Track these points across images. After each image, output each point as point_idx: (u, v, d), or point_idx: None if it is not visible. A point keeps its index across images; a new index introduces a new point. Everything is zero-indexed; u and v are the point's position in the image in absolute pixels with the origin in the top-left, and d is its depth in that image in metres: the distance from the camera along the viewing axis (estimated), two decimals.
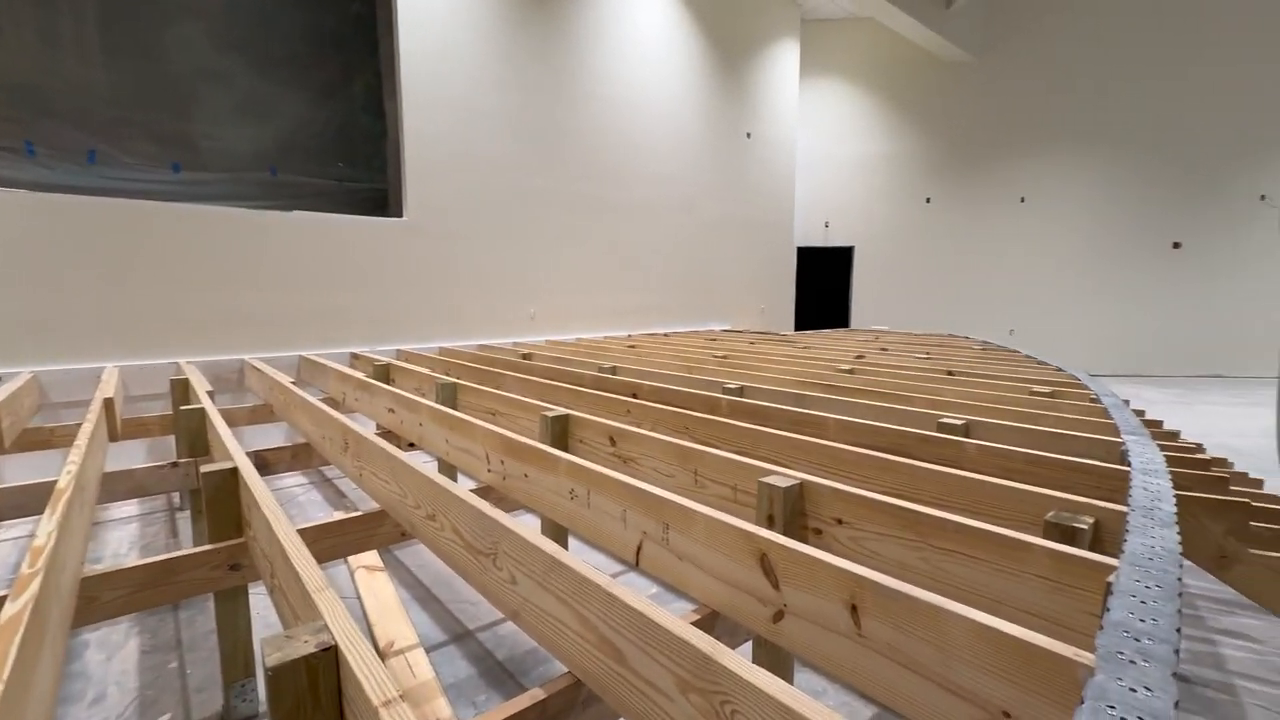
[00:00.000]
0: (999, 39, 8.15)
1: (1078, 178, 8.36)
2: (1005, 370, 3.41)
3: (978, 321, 8.53)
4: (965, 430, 2.01)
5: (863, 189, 8.54)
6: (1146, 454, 1.57)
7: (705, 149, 7.04)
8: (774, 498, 1.34)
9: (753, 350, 4.53)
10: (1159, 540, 1.03)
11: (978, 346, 5.02)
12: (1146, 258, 8.35)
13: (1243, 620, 2.12)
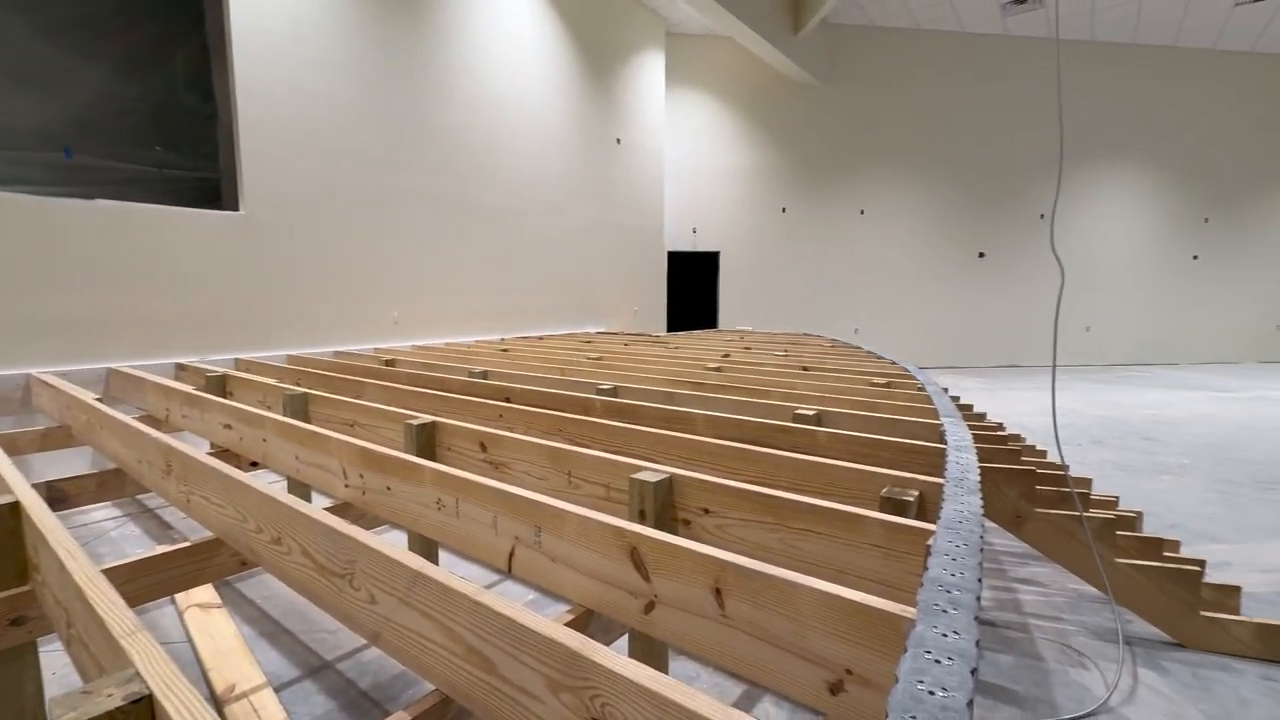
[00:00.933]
0: (839, 67, 9.02)
1: (906, 194, 9.48)
2: (850, 365, 3.77)
3: (828, 320, 9.37)
4: (817, 420, 2.20)
5: (727, 197, 9.04)
6: (959, 433, 1.82)
7: (576, 153, 7.06)
8: (645, 493, 1.37)
9: (626, 351, 4.62)
10: (966, 506, 1.19)
11: (828, 344, 5.50)
12: (960, 265, 9.67)
13: (1034, 569, 2.52)
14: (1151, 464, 4.21)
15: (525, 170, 6.39)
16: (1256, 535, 2.95)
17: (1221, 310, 10.63)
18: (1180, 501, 3.43)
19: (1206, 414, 6.04)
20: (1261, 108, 10.21)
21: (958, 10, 8.55)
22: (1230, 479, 3.85)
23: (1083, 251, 10.05)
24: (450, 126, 5.56)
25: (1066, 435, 5.07)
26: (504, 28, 6.02)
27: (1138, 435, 5.09)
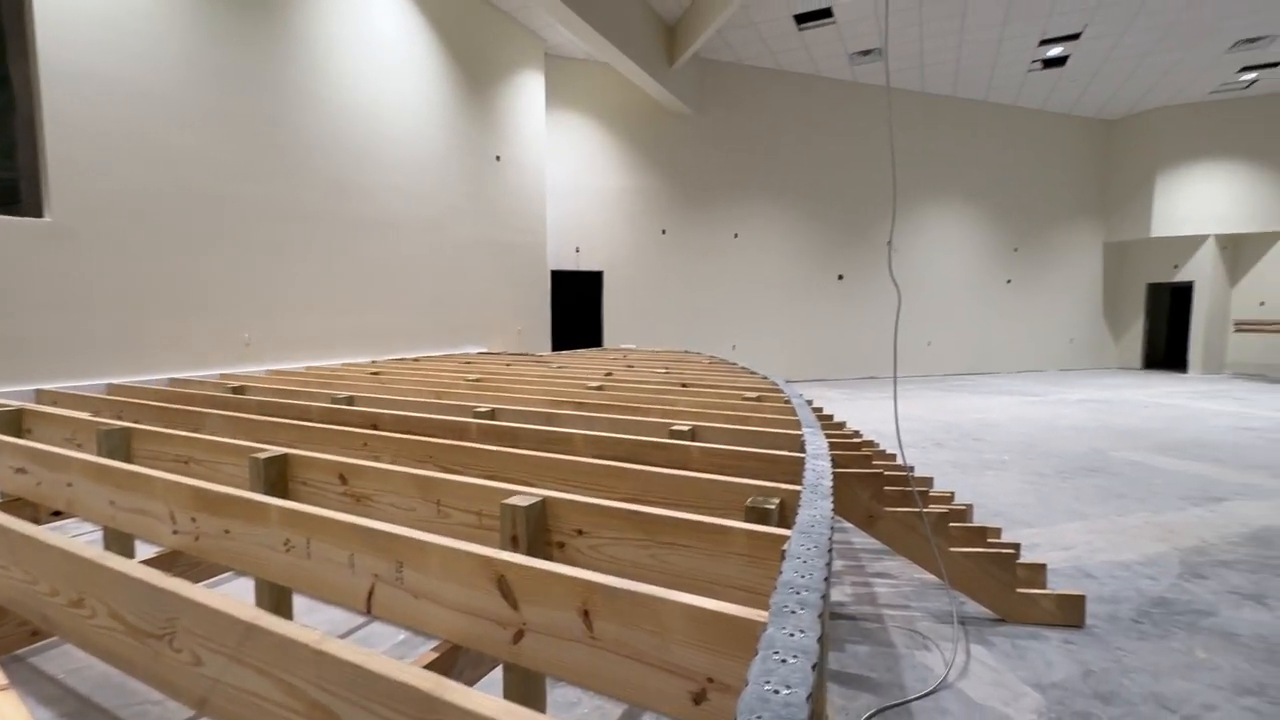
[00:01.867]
0: (711, 98, 9.57)
1: (775, 220, 10.20)
2: (726, 380, 3.96)
3: (709, 338, 9.79)
4: (692, 435, 2.28)
5: (609, 218, 9.21)
6: (816, 442, 1.97)
7: (454, 168, 6.86)
8: (516, 518, 1.34)
9: (508, 372, 4.52)
10: (819, 510, 1.29)
11: (707, 361, 5.74)
12: (823, 286, 10.54)
13: (887, 563, 2.77)
14: (980, 461, 4.81)
15: (399, 183, 6.10)
16: (1058, 518, 3.45)
17: (1030, 326, 12.45)
18: (1001, 493, 3.94)
19: (1020, 416, 7.01)
20: (1053, 156, 12.19)
21: (813, 56, 9.42)
22: (1039, 471, 4.49)
23: (922, 276, 11.35)
24: (313, 134, 5.19)
25: (913, 439, 5.65)
26: (373, 36, 5.75)
27: (969, 436, 5.79)
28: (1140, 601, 2.42)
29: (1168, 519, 3.42)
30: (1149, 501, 3.75)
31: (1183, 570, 2.73)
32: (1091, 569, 2.74)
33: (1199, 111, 11.42)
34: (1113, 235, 12.70)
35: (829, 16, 8.15)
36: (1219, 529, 3.27)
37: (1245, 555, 2.90)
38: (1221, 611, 2.34)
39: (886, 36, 7.37)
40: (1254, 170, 11.18)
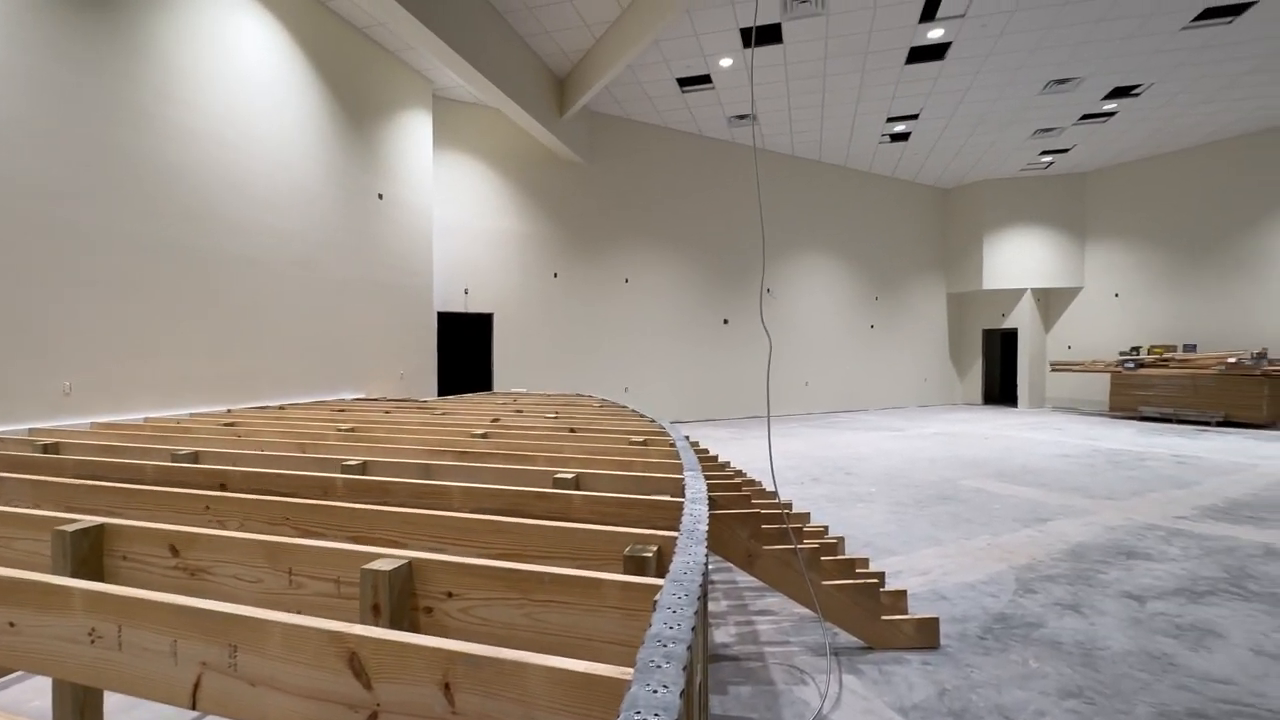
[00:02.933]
0: (601, 148, 9.91)
1: (664, 266, 10.60)
2: (614, 424, 3.98)
3: (601, 380, 9.84)
4: (576, 482, 2.25)
5: (499, 260, 9.11)
6: (696, 485, 2.02)
7: (332, 205, 6.52)
8: (378, 584, 1.25)
9: (386, 420, 4.25)
10: (692, 557, 1.32)
11: (598, 404, 5.76)
12: (710, 329, 11.03)
13: (769, 600, 2.86)
14: (851, 494, 5.16)
15: (268, 218, 5.68)
16: (917, 545, 3.76)
17: (891, 367, 13.75)
18: (870, 523, 4.24)
19: (885, 450, 7.64)
20: (903, 217, 13.79)
21: (696, 118, 10.08)
22: (901, 501, 4.90)
23: (799, 320, 12.23)
24: (161, 161, 4.72)
25: (793, 475, 5.96)
26: (241, 66, 5.41)
27: (842, 471, 6.22)
28: (985, 619, 2.68)
29: (1005, 540, 3.84)
30: (990, 525, 4.19)
31: (1018, 587, 3.06)
32: (945, 591, 2.99)
33: (1013, 185, 13.48)
34: (953, 287, 14.47)
35: (709, 82, 8.80)
36: (1045, 546, 3.71)
37: (1065, 570, 3.31)
38: (1049, 622, 2.65)
39: (754, 106, 8.05)
40: (1055, 235, 13.30)
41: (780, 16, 7.09)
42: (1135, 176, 12.45)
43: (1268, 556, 3.53)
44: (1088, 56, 8.08)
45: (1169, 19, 7.18)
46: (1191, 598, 2.92)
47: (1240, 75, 8.59)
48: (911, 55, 8.04)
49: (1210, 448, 7.75)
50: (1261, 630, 2.57)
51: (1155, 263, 12.21)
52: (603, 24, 7.29)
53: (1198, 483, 5.61)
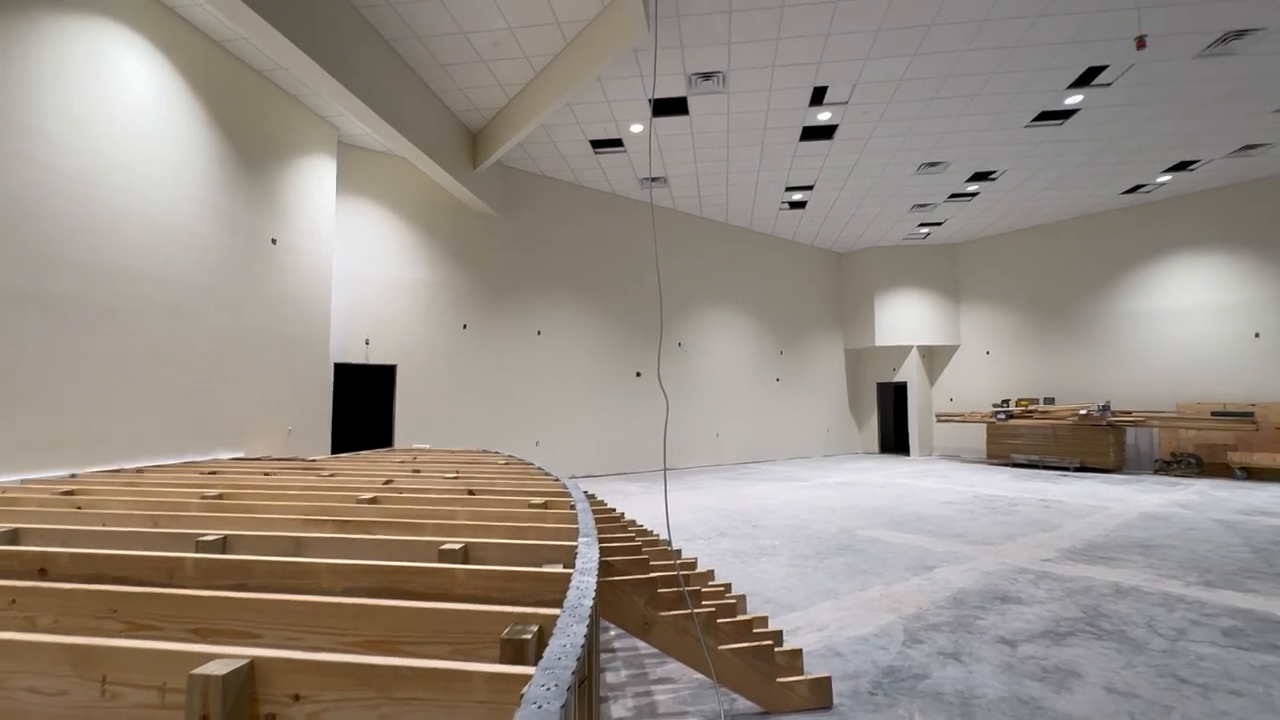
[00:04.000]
0: (514, 202, 9.98)
1: (577, 319, 10.65)
2: (516, 484, 3.85)
3: (512, 435, 9.58)
4: (464, 554, 2.13)
5: (405, 310, 8.80)
6: (589, 554, 1.97)
7: (217, 249, 6.09)
8: (209, 692, 1.10)
9: (264, 483, 3.88)
10: (570, 638, 1.26)
11: (503, 461, 5.57)
12: (624, 383, 11.10)
13: (670, 667, 2.80)
14: (756, 548, 5.24)
15: (133, 263, 5.20)
16: (816, 598, 3.85)
17: (797, 418, 14.36)
18: (772, 578, 4.30)
19: (791, 500, 7.87)
20: (804, 277, 14.74)
21: (609, 177, 10.43)
22: (803, 554, 5.02)
23: (710, 373, 12.59)
24: (11, 200, 4.24)
25: (701, 530, 5.99)
26: (120, 101, 5.04)
27: (749, 524, 6.32)
28: (875, 673, 2.75)
29: (896, 589, 4.01)
30: (883, 574, 4.37)
31: (906, 637, 3.18)
32: (839, 646, 3.06)
33: (897, 252, 14.82)
34: (850, 343, 15.49)
35: (620, 146, 9.17)
36: (931, 595, 3.91)
37: (948, 617, 3.49)
38: (932, 673, 2.75)
39: (651, 171, 8.44)
40: (935, 298, 14.66)
41: (686, 91, 7.57)
42: (997, 248, 14.07)
43: (1116, 595, 3.89)
44: (952, 144, 9.18)
45: (1015, 117, 8.33)
46: (1055, 639, 3.15)
47: (1073, 168, 10.04)
48: (804, 133, 8.80)
49: (1070, 492, 8.59)
50: (1112, 668, 2.80)
51: (1017, 324, 13.70)
52: (516, 85, 7.47)
53: (1060, 525, 6.17)
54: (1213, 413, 10.30)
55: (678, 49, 6.66)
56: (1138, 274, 11.96)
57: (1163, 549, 5.15)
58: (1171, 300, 11.52)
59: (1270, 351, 10.40)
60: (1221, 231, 10.99)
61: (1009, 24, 6.29)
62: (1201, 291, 11.18)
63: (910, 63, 6.99)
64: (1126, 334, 12.05)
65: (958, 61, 6.98)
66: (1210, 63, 6.98)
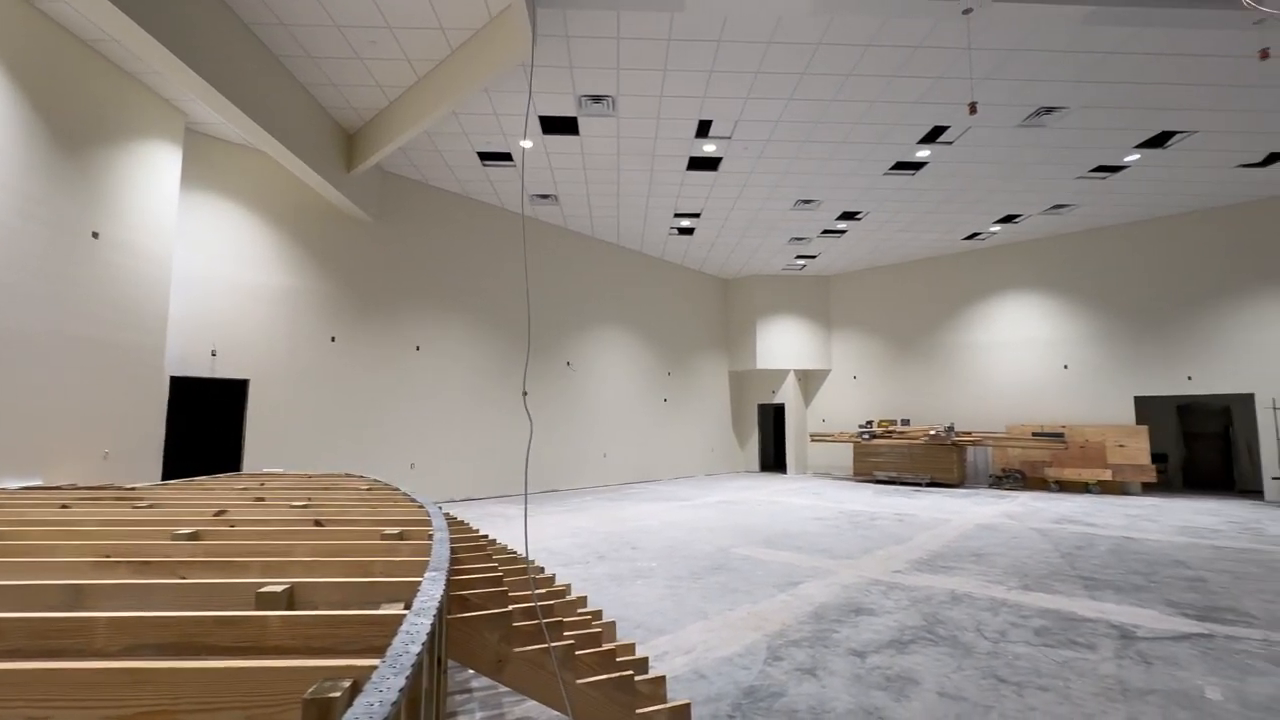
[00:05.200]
0: (394, 210, 9.46)
1: (458, 334, 10.22)
2: (374, 513, 3.55)
3: (384, 457, 8.94)
4: (288, 597, 1.89)
5: (261, 319, 7.98)
6: (431, 591, 1.81)
7: (16, 241, 5.18)
8: None
9: (56, 519, 3.27)
10: (384, 694, 1.13)
11: (366, 486, 5.14)
12: (509, 403, 10.77)
13: (528, 705, 2.66)
14: (633, 570, 5.21)
15: None
16: (687, 620, 3.87)
17: (682, 438, 14.69)
18: (646, 601, 4.28)
19: (672, 521, 7.97)
20: (692, 300, 15.22)
21: (498, 191, 10.20)
22: (678, 574, 5.06)
23: (598, 393, 12.57)
24: None
25: (580, 554, 5.87)
26: None
27: (628, 545, 6.29)
28: (735, 694, 2.78)
29: (762, 607, 4.13)
30: (752, 593, 4.50)
31: (768, 655, 3.26)
32: (705, 669, 3.07)
33: (778, 281, 15.76)
34: (734, 366, 16.18)
35: (510, 160, 9.01)
36: (794, 610, 4.06)
37: (808, 632, 3.63)
38: (789, 690, 2.83)
39: (524, 194, 8.39)
40: (810, 325, 15.72)
41: (576, 112, 7.59)
42: (863, 281, 15.38)
43: (953, 602, 4.27)
44: (822, 185, 9.94)
45: (876, 164, 9.18)
46: (899, 648, 3.37)
47: (923, 214, 11.24)
48: (691, 163, 9.14)
49: (921, 506, 9.43)
50: (945, 672, 3.04)
51: (880, 351, 15.00)
52: (397, 88, 7.12)
53: (911, 538, 6.72)
54: (1033, 433, 11.83)
55: (567, 69, 6.68)
56: (975, 310, 13.57)
57: (992, 557, 5.76)
58: (1001, 334, 13.17)
59: (1076, 381, 12.16)
60: (1038, 277, 12.78)
61: (870, 80, 6.95)
62: (1024, 328, 12.89)
63: (786, 106, 7.50)
64: (967, 362, 13.59)
65: (826, 109, 7.59)
66: (1028, 132, 8.13)
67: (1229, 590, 4.59)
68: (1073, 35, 6.10)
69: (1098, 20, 5.77)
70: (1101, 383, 11.90)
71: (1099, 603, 4.25)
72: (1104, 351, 11.93)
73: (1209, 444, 12.74)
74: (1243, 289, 10.61)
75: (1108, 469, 11.04)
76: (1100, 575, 5.04)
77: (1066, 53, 6.39)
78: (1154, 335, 11.43)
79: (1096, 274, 12.11)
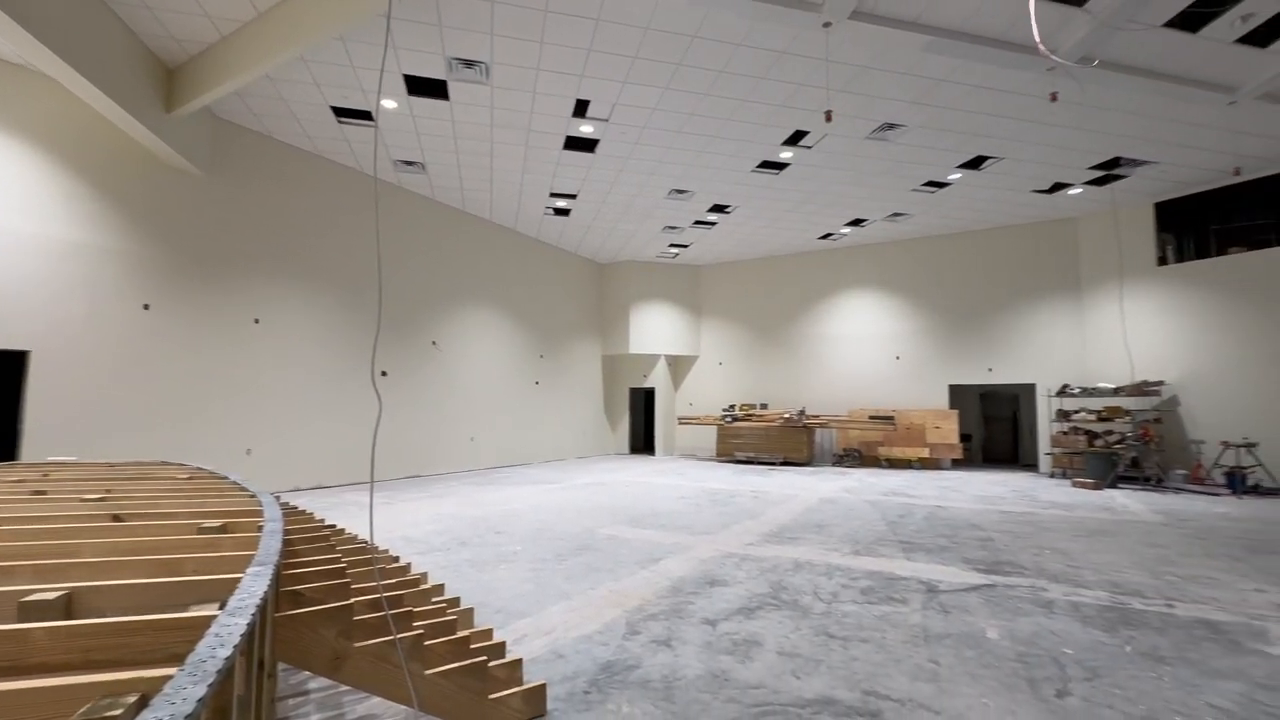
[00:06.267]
0: (228, 163, 8.32)
1: (306, 308, 9.28)
2: (191, 505, 3.12)
3: (213, 444, 7.92)
4: (63, 605, 1.60)
5: (48, 280, 6.66)
6: (252, 588, 1.62)
7: None
8: None
9: None
10: (176, 708, 0.98)
11: (184, 476, 4.52)
12: (363, 383, 9.99)
13: (371, 702, 2.50)
14: (497, 555, 5.10)
15: None
16: (549, 601, 3.86)
17: (555, 421, 14.60)
18: (509, 585, 4.21)
19: (540, 504, 7.91)
20: (567, 283, 15.09)
21: (355, 152, 9.35)
22: (542, 557, 5.03)
23: (468, 373, 12.08)
24: None
25: (440, 540, 5.63)
26: None
27: (493, 530, 6.14)
28: (593, 670, 2.82)
29: (624, 585, 4.24)
30: (615, 571, 4.59)
31: (626, 630, 3.35)
32: (563, 648, 3.08)
33: (652, 268, 16.10)
34: (607, 350, 16.33)
35: (370, 119, 8.28)
36: (654, 586, 4.21)
37: (666, 606, 3.78)
38: (644, 662, 2.93)
39: (377, 163, 7.86)
40: (681, 312, 16.27)
41: (446, 75, 7.14)
42: (731, 273, 16.19)
43: (796, 569, 4.66)
44: (695, 177, 10.27)
45: (744, 161, 9.65)
46: (747, 614, 3.62)
47: (785, 212, 12.03)
48: (568, 143, 8.99)
49: (775, 483, 10.19)
50: (784, 633, 3.31)
51: (744, 339, 15.92)
52: (230, 21, 6.23)
53: (763, 513, 7.24)
54: (870, 417, 13.23)
55: (436, 28, 6.24)
56: (827, 304, 14.84)
57: (831, 527, 6.37)
58: (848, 327, 14.53)
59: (907, 371, 13.77)
60: (880, 277, 14.25)
61: (740, 79, 7.25)
62: (867, 322, 14.33)
63: (663, 95, 7.62)
64: (819, 352, 14.85)
65: (700, 103, 7.81)
66: (874, 144, 8.97)
67: (1009, 547, 5.47)
68: (913, 60, 6.79)
69: (934, 49, 6.48)
70: (924, 372, 13.59)
71: (913, 563, 4.87)
72: (928, 345, 13.62)
73: (1002, 426, 15.07)
74: (1031, 296, 12.61)
75: (927, 447, 12.66)
76: (916, 540, 5.77)
77: (908, 75, 7.11)
78: (965, 332, 13.24)
79: (925, 277, 13.75)
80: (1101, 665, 2.93)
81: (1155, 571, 4.67)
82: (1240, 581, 4.40)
